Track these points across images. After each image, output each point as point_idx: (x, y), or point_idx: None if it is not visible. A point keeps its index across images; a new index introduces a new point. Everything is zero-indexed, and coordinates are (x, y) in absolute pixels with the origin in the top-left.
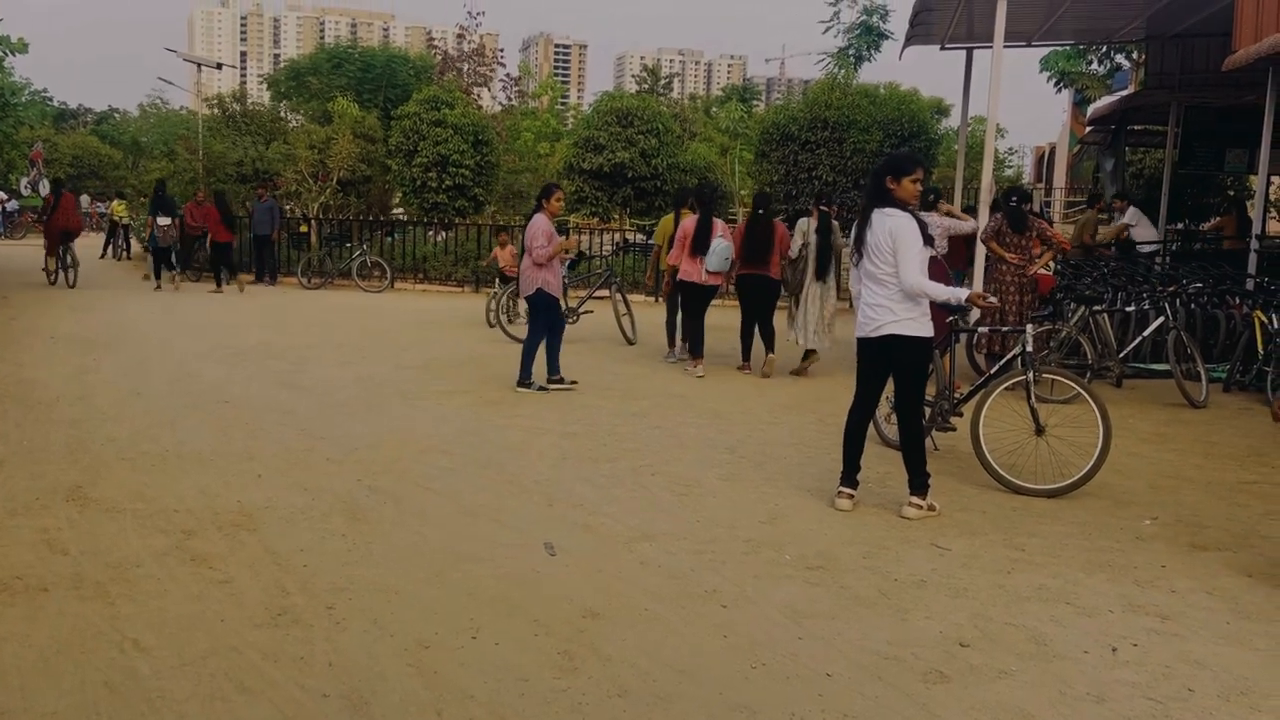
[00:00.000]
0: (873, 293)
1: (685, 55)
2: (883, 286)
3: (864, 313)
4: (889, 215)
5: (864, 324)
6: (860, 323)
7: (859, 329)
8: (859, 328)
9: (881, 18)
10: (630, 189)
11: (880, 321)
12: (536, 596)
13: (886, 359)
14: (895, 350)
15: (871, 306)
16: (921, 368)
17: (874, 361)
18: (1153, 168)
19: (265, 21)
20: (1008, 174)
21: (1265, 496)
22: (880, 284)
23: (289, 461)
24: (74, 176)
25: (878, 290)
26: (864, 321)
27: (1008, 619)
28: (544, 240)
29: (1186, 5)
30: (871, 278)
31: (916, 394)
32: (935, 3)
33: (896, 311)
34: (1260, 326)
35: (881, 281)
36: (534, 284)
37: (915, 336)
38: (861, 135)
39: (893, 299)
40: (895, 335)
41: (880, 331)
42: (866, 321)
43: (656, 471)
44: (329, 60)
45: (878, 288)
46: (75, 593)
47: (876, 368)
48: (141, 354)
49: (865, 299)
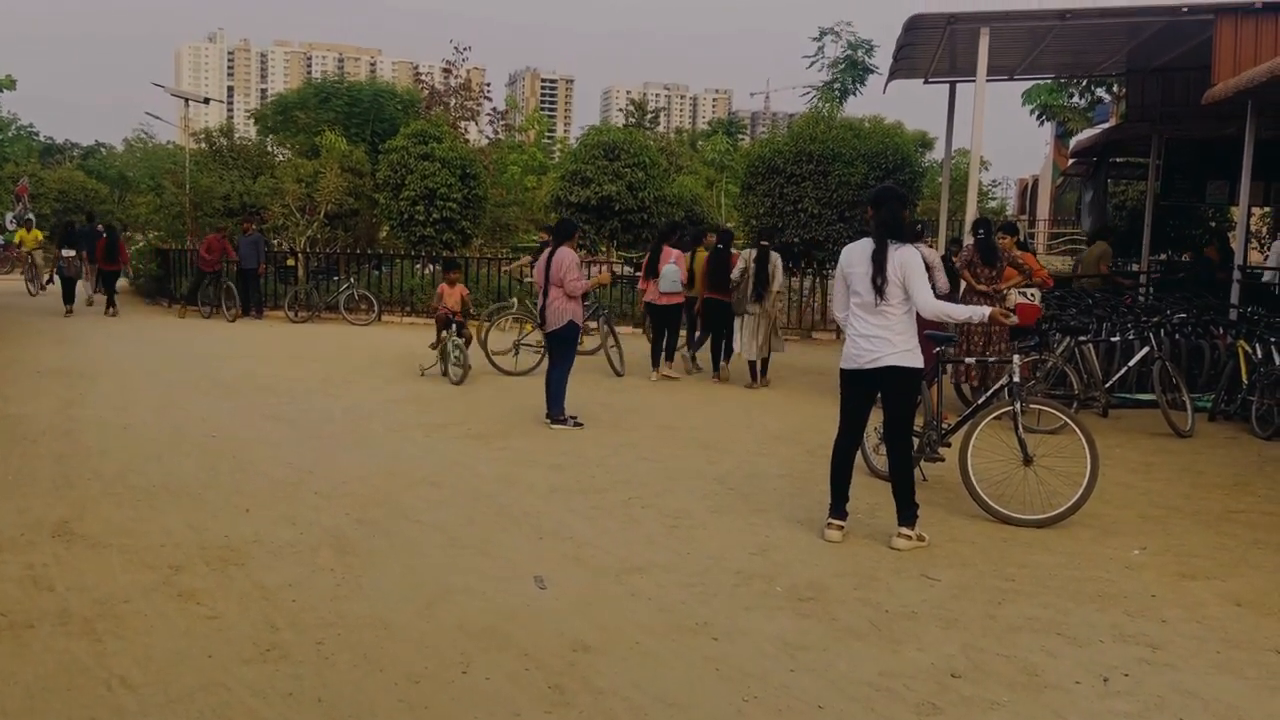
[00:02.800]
0: (869, 324)
1: (671, 89)
2: (882, 318)
3: (857, 345)
4: (898, 248)
5: (857, 355)
6: (851, 354)
7: (849, 360)
8: (848, 359)
9: (866, 52)
10: (617, 221)
11: (879, 354)
12: (527, 630)
13: (875, 390)
14: (890, 381)
15: (867, 338)
16: (913, 398)
17: (862, 393)
18: (1135, 199)
19: (252, 57)
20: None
21: (1253, 525)
22: (880, 315)
23: (277, 495)
24: (59, 211)
25: (874, 321)
26: (857, 353)
27: (999, 650)
28: (576, 273)
29: (1166, 40)
30: (867, 309)
31: (908, 424)
32: (918, 38)
33: (895, 343)
34: (1244, 356)
35: (882, 313)
36: (564, 316)
37: (911, 368)
38: (846, 168)
39: (893, 330)
40: (893, 367)
41: (879, 363)
42: (861, 353)
43: (646, 503)
44: (316, 95)
45: (876, 319)
46: (62, 629)
47: (863, 399)
48: (128, 387)
49: (859, 330)
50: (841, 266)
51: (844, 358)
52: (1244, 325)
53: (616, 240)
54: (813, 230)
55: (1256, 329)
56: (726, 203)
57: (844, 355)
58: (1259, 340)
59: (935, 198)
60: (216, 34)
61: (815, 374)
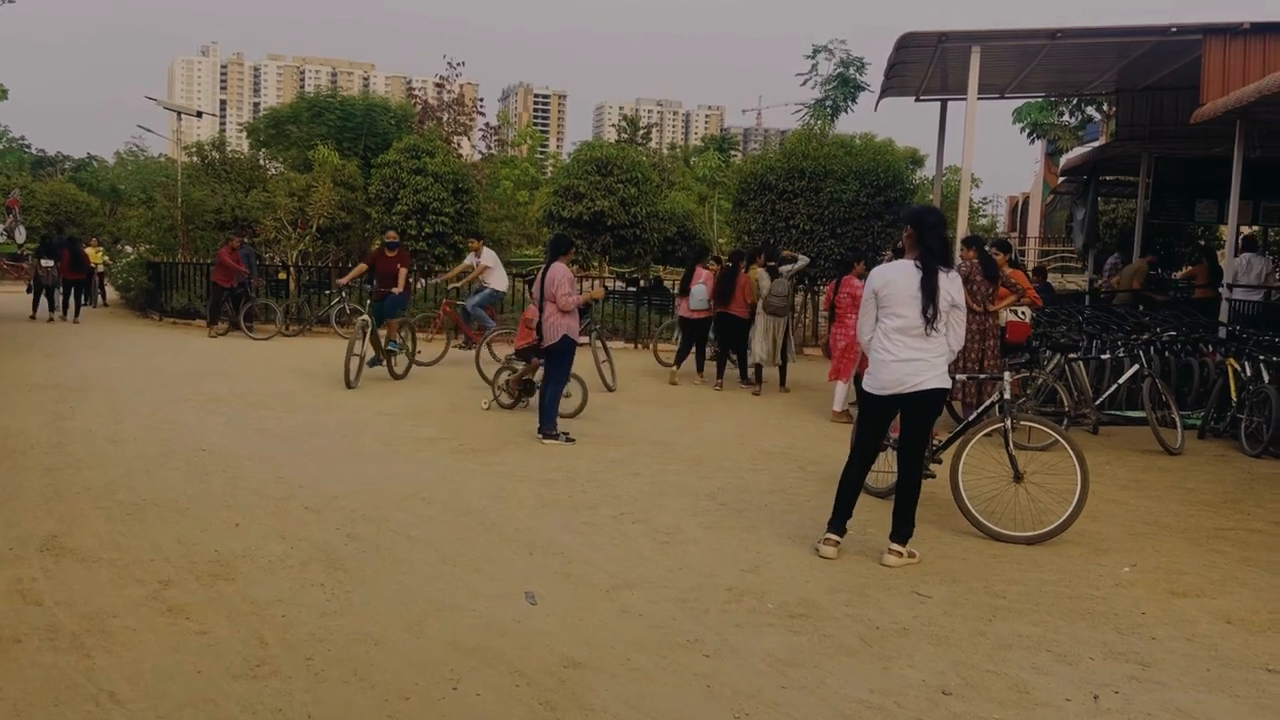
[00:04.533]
0: (909, 348)
1: (664, 105)
2: (926, 342)
3: (892, 369)
4: (953, 276)
5: (896, 381)
6: (888, 380)
7: (884, 386)
8: (883, 385)
9: (858, 70)
10: (609, 237)
11: (921, 378)
12: (517, 646)
13: (897, 412)
14: (923, 403)
15: (907, 362)
16: (936, 418)
17: (889, 416)
18: (1125, 217)
19: (245, 70)
20: (982, 223)
21: (1242, 543)
22: (924, 340)
23: (267, 509)
24: (50, 224)
25: (918, 345)
26: (895, 379)
27: (989, 666)
28: (569, 288)
29: (1156, 59)
30: (908, 333)
31: (926, 443)
32: (910, 56)
33: (936, 365)
34: (1233, 374)
35: (928, 336)
36: (559, 331)
37: (945, 388)
38: (838, 185)
39: (934, 353)
40: (932, 389)
41: (922, 386)
42: (900, 378)
43: (637, 519)
44: (309, 109)
45: (918, 342)
46: (50, 644)
47: (888, 421)
48: (118, 401)
49: (897, 354)
50: (874, 288)
51: (875, 383)
52: (1233, 343)
53: (609, 255)
54: (804, 246)
55: (1245, 347)
56: (719, 219)
57: (874, 380)
58: (1248, 358)
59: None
60: (210, 48)
61: (807, 390)
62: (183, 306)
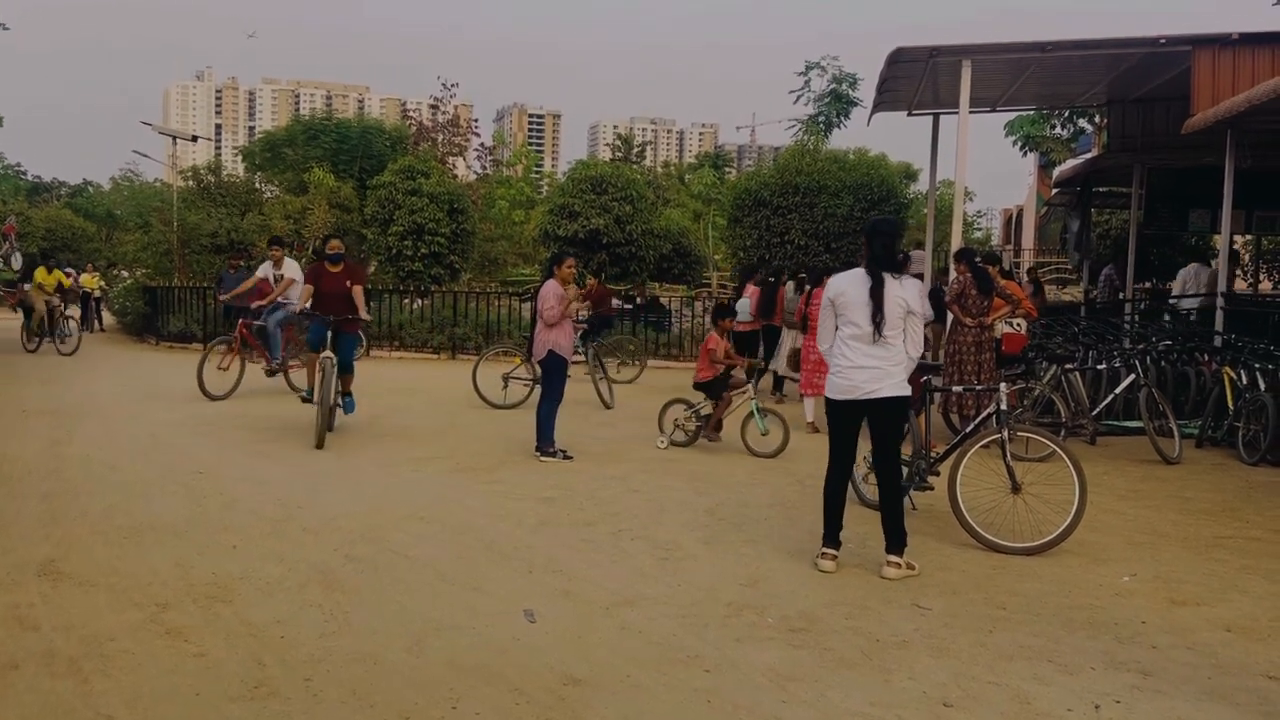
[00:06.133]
0: (865, 355)
1: (658, 123)
2: (880, 348)
3: (849, 376)
4: (905, 282)
5: (851, 387)
6: (844, 385)
7: (842, 391)
8: (841, 390)
9: (850, 85)
10: (605, 255)
11: (877, 385)
12: (517, 664)
13: (863, 419)
14: (884, 411)
15: (862, 369)
16: (903, 425)
17: (854, 423)
18: (1119, 228)
19: (240, 94)
20: (976, 235)
21: (1241, 551)
22: (878, 346)
23: (264, 531)
24: (46, 250)
25: (872, 352)
26: (851, 384)
27: (990, 678)
28: (554, 301)
29: (1146, 71)
30: (863, 340)
31: (898, 451)
32: (901, 71)
33: (893, 374)
34: (1229, 383)
35: (883, 343)
36: (545, 346)
37: (905, 396)
38: (832, 200)
39: (890, 360)
40: (890, 398)
41: (877, 394)
42: (856, 384)
43: (636, 535)
44: (304, 132)
45: (873, 349)
46: (47, 669)
47: (854, 429)
48: (114, 426)
49: (854, 361)
50: (830, 297)
51: (833, 388)
52: (1229, 352)
53: (604, 273)
54: (800, 261)
55: (1241, 355)
56: (714, 235)
57: (833, 386)
58: (1244, 366)
59: (920, 228)
60: (205, 72)
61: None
62: (179, 330)
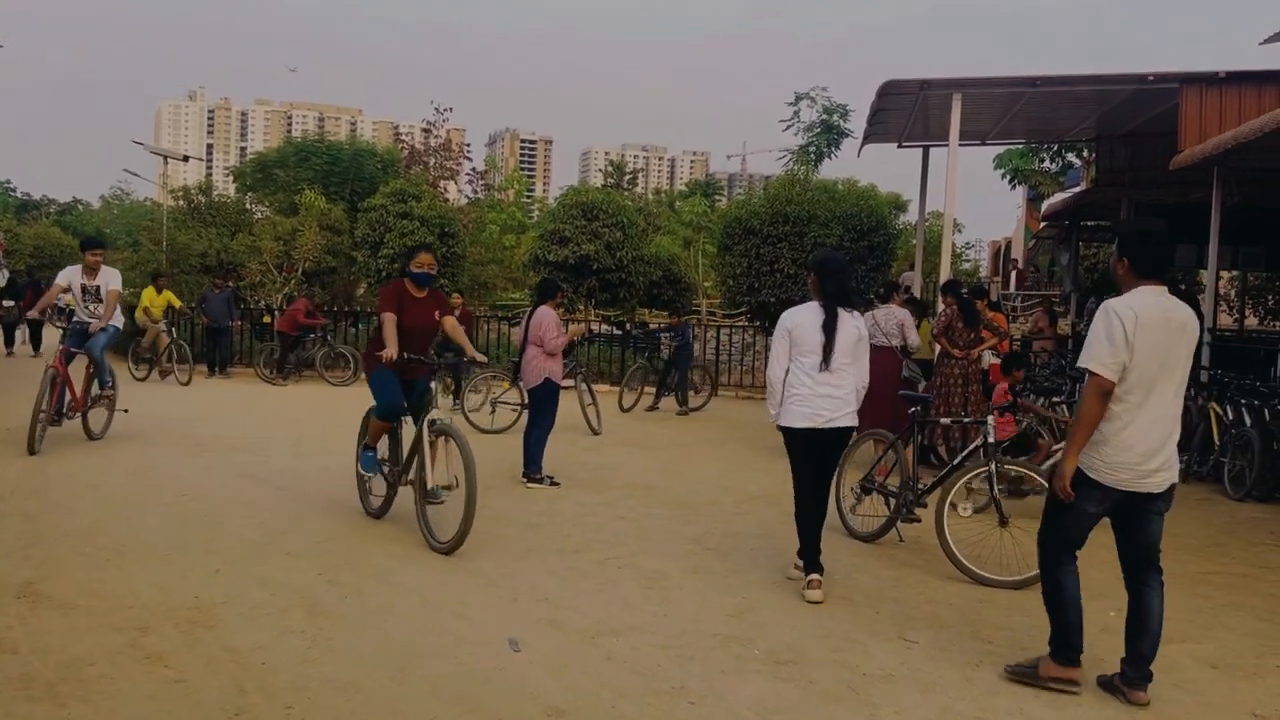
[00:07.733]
0: (824, 384)
1: (649, 151)
2: (837, 377)
3: (810, 404)
4: (855, 316)
5: (813, 415)
6: (803, 413)
7: (801, 419)
8: (800, 418)
9: (841, 116)
10: (595, 280)
11: (835, 414)
12: (500, 694)
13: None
14: (836, 440)
15: (824, 398)
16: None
17: (813, 451)
18: (1106, 262)
19: (233, 115)
20: (965, 267)
21: (1227, 588)
22: (834, 375)
23: (248, 555)
24: (34, 267)
25: (829, 380)
26: (811, 412)
27: (977, 713)
28: (556, 330)
29: (1134, 106)
30: (816, 369)
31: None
32: (892, 103)
33: (848, 403)
34: (1215, 418)
35: (839, 372)
36: (541, 374)
37: (854, 426)
38: (822, 230)
39: (844, 390)
40: (844, 428)
41: (836, 423)
42: (816, 413)
43: (623, 564)
44: (296, 153)
45: (829, 378)
46: (24, 693)
47: (812, 455)
48: (97, 446)
49: (812, 390)
50: (785, 328)
51: (791, 416)
52: (1215, 387)
53: (594, 299)
54: (788, 290)
55: (1227, 390)
56: (704, 262)
57: (789, 414)
58: (1230, 402)
59: (910, 259)
60: (197, 92)
61: None
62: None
